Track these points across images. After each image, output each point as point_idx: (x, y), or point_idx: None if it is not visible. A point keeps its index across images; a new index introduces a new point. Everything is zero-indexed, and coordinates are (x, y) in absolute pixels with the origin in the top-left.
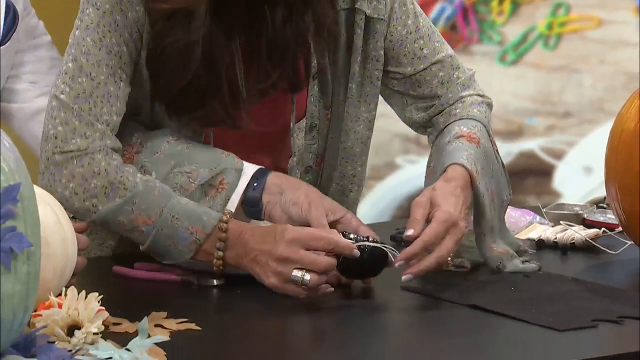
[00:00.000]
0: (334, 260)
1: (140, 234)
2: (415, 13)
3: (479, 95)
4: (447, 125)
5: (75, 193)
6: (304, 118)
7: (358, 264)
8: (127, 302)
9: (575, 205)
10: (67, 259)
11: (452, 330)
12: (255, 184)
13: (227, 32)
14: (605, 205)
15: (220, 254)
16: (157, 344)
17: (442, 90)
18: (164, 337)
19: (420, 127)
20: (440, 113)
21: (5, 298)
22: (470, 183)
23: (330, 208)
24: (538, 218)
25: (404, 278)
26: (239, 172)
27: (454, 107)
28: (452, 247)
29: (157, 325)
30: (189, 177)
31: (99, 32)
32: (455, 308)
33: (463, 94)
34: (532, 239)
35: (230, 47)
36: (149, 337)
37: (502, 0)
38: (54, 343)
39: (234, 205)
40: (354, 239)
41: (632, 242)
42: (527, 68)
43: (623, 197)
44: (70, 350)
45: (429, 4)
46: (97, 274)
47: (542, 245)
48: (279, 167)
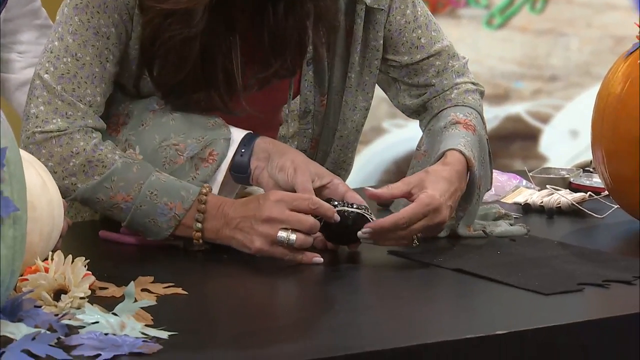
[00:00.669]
0: (318, 222)
1: (120, 211)
2: (414, 2)
3: (473, 83)
4: (441, 110)
5: (55, 172)
6: (297, 102)
7: (342, 230)
8: (113, 266)
9: (562, 169)
10: (53, 222)
11: (438, 295)
12: (244, 150)
13: (227, 24)
14: (592, 169)
15: (199, 226)
16: (143, 308)
17: (436, 79)
18: (151, 301)
19: (413, 112)
20: (434, 98)
21: None
22: (467, 170)
23: (317, 173)
24: (524, 182)
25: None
26: (228, 141)
27: (449, 92)
28: (419, 228)
29: (143, 290)
30: (177, 149)
31: (88, 12)
32: (442, 272)
33: (458, 81)
34: (518, 203)
35: (229, 39)
36: (136, 301)
37: None
38: (41, 307)
39: (223, 173)
40: (338, 205)
41: (618, 206)
42: (513, 32)
43: (609, 160)
44: (57, 315)
45: None
46: (83, 239)
47: (528, 210)
48: None
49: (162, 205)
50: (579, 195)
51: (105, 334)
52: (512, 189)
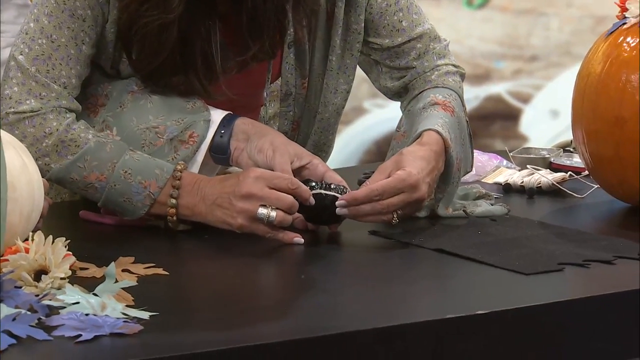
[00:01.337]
0: (296, 201)
1: (95, 191)
2: None
3: (454, 65)
4: (421, 92)
5: None
6: (278, 84)
7: (321, 211)
8: (94, 247)
9: (542, 149)
10: (33, 203)
11: (418, 275)
12: (223, 131)
13: (206, 8)
14: (572, 149)
15: (174, 202)
16: (124, 289)
17: (417, 62)
18: (132, 281)
19: (395, 94)
20: (415, 80)
21: None
22: (445, 151)
23: (297, 154)
24: (505, 162)
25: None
26: (208, 122)
27: (430, 73)
28: (397, 203)
29: (124, 270)
30: (157, 132)
31: None
32: (422, 252)
33: (439, 63)
34: (498, 183)
35: (208, 23)
36: (117, 281)
37: None
38: (21, 288)
39: (203, 153)
40: (316, 186)
41: (598, 185)
42: (494, 11)
43: (589, 140)
44: (38, 295)
45: None
46: (64, 219)
47: (508, 189)
48: None
49: (136, 184)
50: (560, 175)
51: (86, 315)
52: (492, 169)
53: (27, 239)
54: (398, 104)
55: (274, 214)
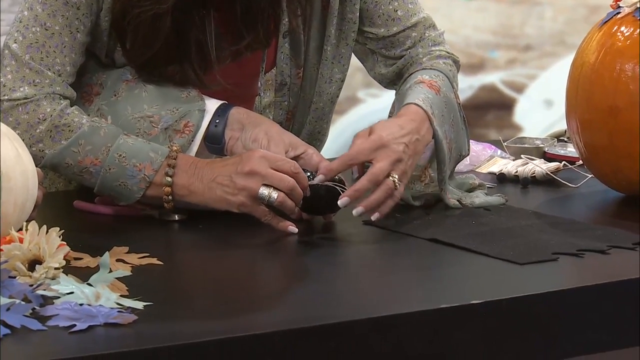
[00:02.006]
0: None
1: (90, 176)
2: None
3: (447, 52)
4: (411, 74)
5: (22, 139)
6: (273, 74)
7: (316, 201)
8: (88, 236)
9: (536, 139)
10: (27, 193)
11: (413, 264)
12: (218, 120)
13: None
14: (566, 139)
15: (169, 180)
16: (118, 279)
17: (412, 49)
18: (126, 271)
19: (390, 82)
20: (409, 64)
21: None
22: (429, 123)
23: (291, 143)
24: (499, 152)
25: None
26: (202, 112)
27: (422, 57)
28: (386, 167)
29: (118, 260)
30: (151, 121)
31: None
32: (416, 242)
33: (432, 49)
34: (493, 173)
35: (202, 12)
36: (111, 271)
37: None
38: (15, 278)
39: (197, 143)
40: (311, 176)
41: (592, 175)
42: (488, 1)
43: (583, 130)
44: (32, 285)
45: None
46: (58, 209)
47: (503, 179)
48: None
49: (130, 168)
50: (554, 165)
51: (80, 305)
52: (486, 159)
53: (21, 229)
54: (392, 93)
55: (275, 195)
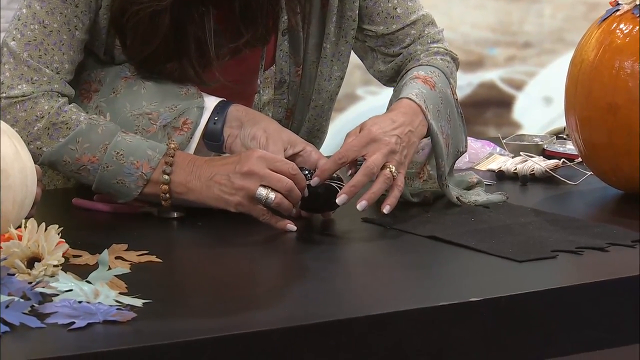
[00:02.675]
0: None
1: (88, 174)
2: None
3: (445, 49)
4: (407, 70)
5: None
6: (272, 71)
7: (314, 199)
8: (87, 234)
9: (535, 136)
10: (26, 190)
11: (411, 262)
12: (217, 118)
13: None
14: (565, 136)
15: (167, 178)
16: (117, 276)
17: (411, 46)
18: (125, 269)
19: (389, 80)
20: (407, 61)
21: None
22: (423, 116)
23: (290, 141)
24: (498, 149)
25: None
26: (201, 109)
27: (420, 53)
28: (379, 159)
29: (117, 258)
30: (150, 118)
31: None
32: (415, 239)
33: (431, 46)
34: (492, 170)
35: (201, 9)
36: (110, 269)
37: None
38: (14, 275)
39: (196, 140)
40: (309, 175)
41: (591, 172)
42: None
43: (583, 127)
44: (31, 283)
45: None
46: (57, 206)
47: (502, 177)
48: None
49: (128, 165)
50: (553, 162)
51: (79, 302)
52: (485, 156)
53: (20, 226)
54: (391, 91)
55: (273, 196)
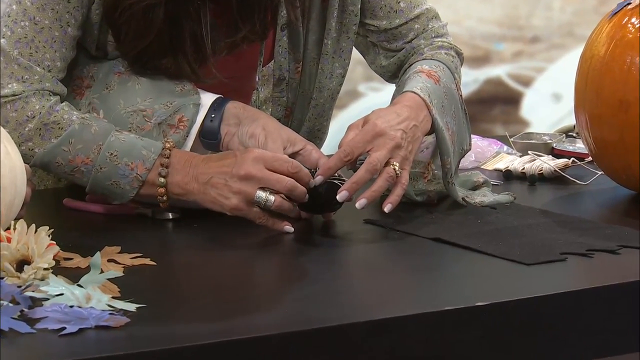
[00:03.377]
0: (297, 184)
1: (82, 175)
2: None
3: (450, 44)
4: (411, 65)
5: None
6: (271, 68)
7: (316, 199)
8: (78, 236)
9: (544, 135)
10: (15, 190)
11: (416, 265)
12: (213, 115)
13: None
14: (575, 134)
15: (163, 181)
16: (110, 280)
17: (414, 41)
18: (118, 272)
19: (392, 75)
20: (410, 55)
21: None
22: (427, 111)
23: (290, 139)
24: (505, 148)
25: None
26: (197, 106)
27: (423, 47)
28: (383, 155)
29: (110, 260)
30: (145, 115)
31: None
32: (420, 241)
33: (435, 40)
34: (499, 170)
35: (196, 3)
36: (102, 272)
37: None
38: (3, 279)
39: (192, 138)
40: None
41: (602, 172)
42: None
43: (593, 125)
44: (20, 287)
45: None
46: (47, 207)
47: (509, 176)
48: None
49: (122, 167)
50: (562, 162)
51: (71, 307)
52: (492, 155)
53: (9, 228)
54: (393, 87)
55: (272, 198)
